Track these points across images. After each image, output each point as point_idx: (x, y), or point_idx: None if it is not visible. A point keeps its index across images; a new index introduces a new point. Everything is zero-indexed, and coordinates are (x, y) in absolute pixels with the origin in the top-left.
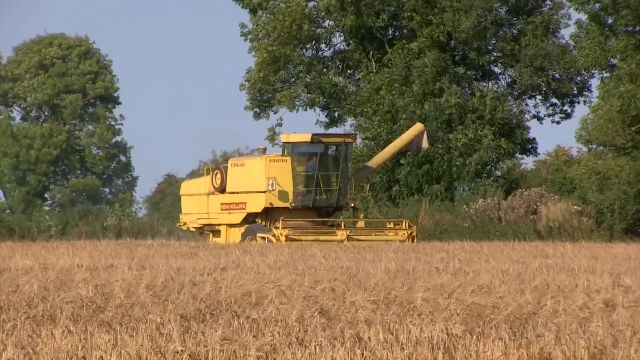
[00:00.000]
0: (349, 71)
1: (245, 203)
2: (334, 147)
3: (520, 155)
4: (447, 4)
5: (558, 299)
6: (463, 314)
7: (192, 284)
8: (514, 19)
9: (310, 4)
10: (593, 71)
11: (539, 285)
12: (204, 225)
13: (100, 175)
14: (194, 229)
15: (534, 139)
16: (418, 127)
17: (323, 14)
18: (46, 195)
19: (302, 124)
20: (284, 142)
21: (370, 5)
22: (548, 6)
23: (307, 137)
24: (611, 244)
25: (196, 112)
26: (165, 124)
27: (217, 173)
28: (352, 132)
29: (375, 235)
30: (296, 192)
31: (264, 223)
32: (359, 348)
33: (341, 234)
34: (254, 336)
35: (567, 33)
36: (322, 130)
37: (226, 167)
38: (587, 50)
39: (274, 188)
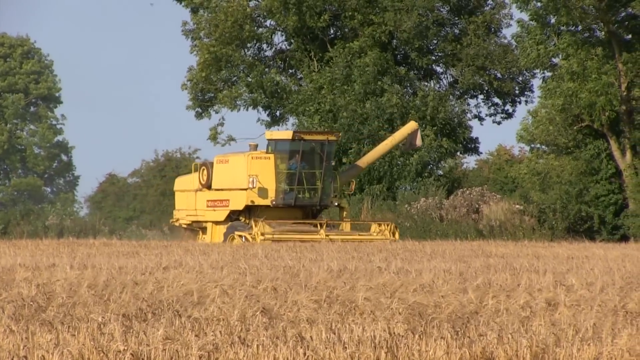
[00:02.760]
0: (290, 70)
1: (228, 200)
2: (317, 145)
3: (462, 155)
4: (388, 4)
5: (500, 298)
6: (405, 313)
7: (134, 283)
8: (456, 18)
9: (252, 3)
10: (535, 70)
11: (481, 285)
12: (193, 222)
13: (42, 175)
14: (184, 226)
15: (476, 138)
16: (412, 125)
17: (265, 14)
18: None
19: (244, 124)
20: (267, 139)
21: (312, 6)
22: (490, 6)
23: (288, 135)
24: (553, 243)
25: (138, 112)
26: (106, 124)
27: (203, 169)
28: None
29: (360, 235)
30: (278, 190)
31: (247, 221)
32: (301, 347)
33: (321, 234)
34: (196, 335)
35: (508, 33)
36: (263, 130)
37: (212, 164)
38: (529, 50)
39: (254, 186)
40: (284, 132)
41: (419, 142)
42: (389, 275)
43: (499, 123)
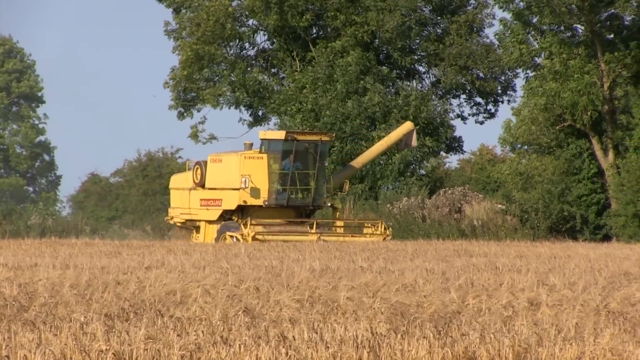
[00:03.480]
0: (273, 70)
1: (221, 200)
2: (310, 145)
3: (445, 154)
4: (371, 4)
5: (482, 298)
6: (387, 313)
7: (116, 283)
8: (438, 18)
9: (234, 2)
10: (517, 70)
11: (464, 284)
12: (187, 220)
13: (24, 175)
14: (179, 224)
15: (459, 137)
16: (407, 125)
17: (247, 13)
18: None
19: (226, 123)
20: (261, 139)
21: (294, 5)
22: (472, 5)
23: (281, 135)
24: (535, 242)
25: (120, 112)
26: (89, 123)
27: (197, 168)
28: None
29: (352, 236)
30: (270, 190)
31: (240, 221)
32: (283, 347)
33: (312, 234)
34: (178, 335)
35: (491, 32)
36: (245, 129)
37: (206, 163)
38: (512, 49)
39: (247, 185)
40: (277, 132)
41: (414, 142)
42: (371, 274)
43: (481, 123)
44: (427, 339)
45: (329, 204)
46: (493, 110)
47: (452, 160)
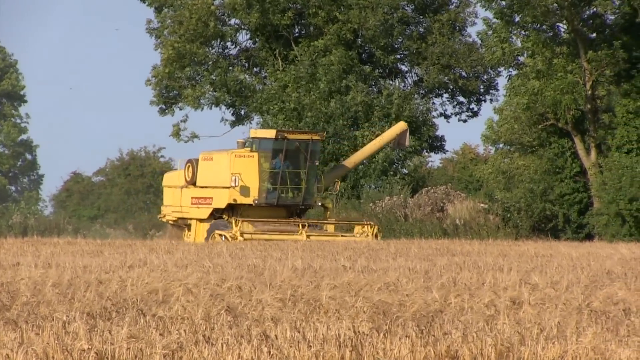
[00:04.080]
0: (255, 69)
1: (211, 198)
2: (301, 144)
3: (428, 153)
4: (353, 2)
5: (465, 297)
6: (370, 312)
7: (98, 282)
8: (421, 17)
9: (217, 1)
10: (500, 69)
11: (446, 283)
12: (178, 218)
13: (6, 174)
14: (171, 222)
15: (442, 136)
16: (401, 125)
17: (229, 12)
18: None
19: (209, 121)
20: (252, 138)
21: (275, 3)
22: (455, 4)
23: (272, 133)
24: (518, 241)
25: (103, 111)
26: (71, 122)
27: (189, 166)
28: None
29: (342, 236)
30: (260, 189)
31: (231, 219)
32: (265, 346)
33: (301, 234)
34: (160, 334)
35: (473, 31)
36: (227, 129)
37: (197, 161)
38: (494, 48)
39: (237, 184)
40: (267, 131)
41: (407, 142)
42: (353, 273)
43: (464, 121)
44: (409, 338)
45: (320, 204)
46: (476, 109)
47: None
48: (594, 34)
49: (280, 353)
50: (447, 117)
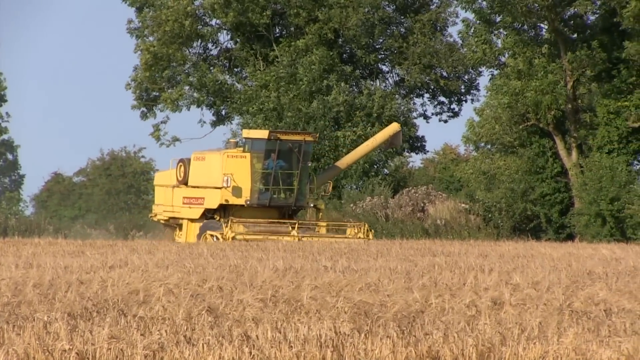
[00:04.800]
0: (235, 69)
1: (203, 198)
2: (294, 145)
3: (408, 153)
4: (334, 1)
5: (446, 297)
6: (351, 312)
7: (80, 282)
8: (402, 17)
9: (197, 2)
10: (481, 69)
11: (427, 284)
12: (170, 218)
13: None
14: (162, 222)
15: (422, 137)
16: (394, 127)
17: (209, 12)
18: None
19: (189, 122)
20: (245, 138)
21: (254, 2)
22: (435, 4)
23: (264, 134)
24: (499, 242)
25: (83, 110)
26: (52, 122)
27: (181, 166)
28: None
29: (334, 236)
30: (253, 189)
31: (222, 220)
32: (247, 346)
33: (293, 235)
34: (141, 334)
35: (454, 31)
36: (207, 130)
37: (189, 160)
38: (475, 48)
39: (229, 185)
40: (260, 131)
41: (400, 142)
42: (334, 274)
43: (445, 122)
44: (390, 339)
45: (312, 205)
46: (457, 110)
47: (416, 160)
48: (575, 35)
49: (262, 353)
50: (426, 117)
